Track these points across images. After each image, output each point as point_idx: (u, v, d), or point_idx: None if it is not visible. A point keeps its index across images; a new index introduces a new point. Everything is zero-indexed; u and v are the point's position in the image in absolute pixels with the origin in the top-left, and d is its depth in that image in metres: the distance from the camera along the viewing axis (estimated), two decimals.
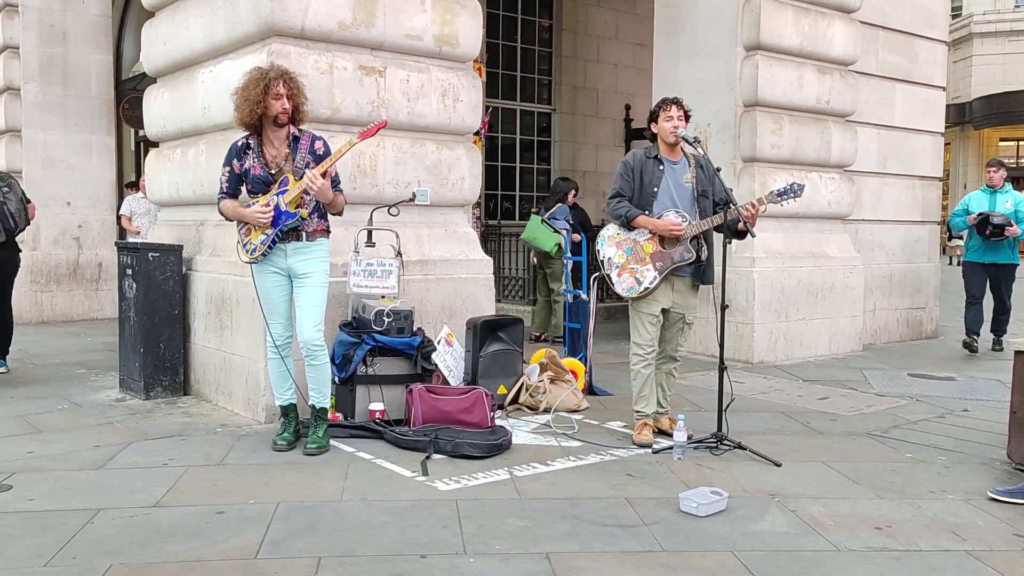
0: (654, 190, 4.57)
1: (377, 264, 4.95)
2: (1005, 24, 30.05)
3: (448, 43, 5.71)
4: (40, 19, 9.65)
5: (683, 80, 7.66)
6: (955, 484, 3.99)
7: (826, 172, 7.93)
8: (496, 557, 3.03)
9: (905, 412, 5.51)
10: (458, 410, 4.58)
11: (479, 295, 5.84)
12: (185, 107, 5.93)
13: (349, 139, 4.36)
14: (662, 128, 4.58)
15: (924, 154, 9.32)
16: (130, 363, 5.65)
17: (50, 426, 4.83)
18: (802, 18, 7.57)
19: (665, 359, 4.74)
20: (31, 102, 9.65)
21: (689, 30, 7.72)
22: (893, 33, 8.86)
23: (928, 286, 9.33)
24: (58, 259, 9.82)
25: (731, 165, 7.39)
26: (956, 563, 3.07)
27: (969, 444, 4.73)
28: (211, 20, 5.56)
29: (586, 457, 4.34)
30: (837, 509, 3.61)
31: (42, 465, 4.07)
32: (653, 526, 3.37)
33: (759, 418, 5.27)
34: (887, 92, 8.86)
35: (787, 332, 7.46)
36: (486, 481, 3.91)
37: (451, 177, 5.80)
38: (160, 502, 3.55)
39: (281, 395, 4.47)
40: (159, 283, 5.50)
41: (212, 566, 2.93)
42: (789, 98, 7.54)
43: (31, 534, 3.18)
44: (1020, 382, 4.16)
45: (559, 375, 5.52)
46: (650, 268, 4.53)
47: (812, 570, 2.98)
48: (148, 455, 4.25)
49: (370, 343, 4.74)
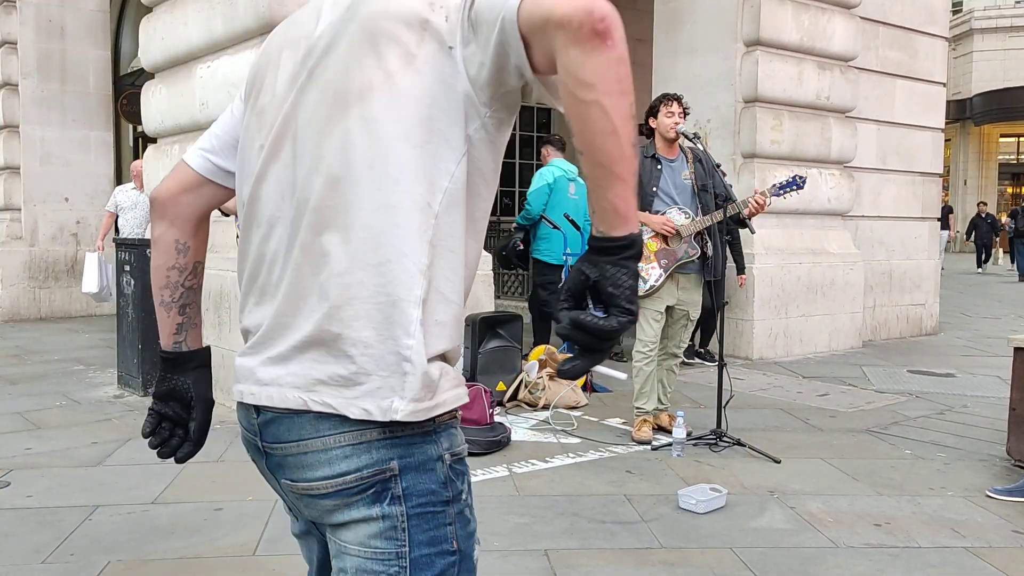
0: (653, 189, 4.55)
1: None
2: (1005, 20, 30.00)
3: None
4: (38, 14, 9.62)
5: (683, 76, 7.64)
6: (954, 481, 3.99)
7: (826, 168, 7.91)
8: (495, 554, 3.02)
9: (904, 409, 5.51)
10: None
11: (478, 291, 5.82)
12: (183, 103, 5.92)
13: None
14: (662, 123, 4.57)
15: (924, 150, 9.30)
16: (128, 359, 5.64)
17: (48, 423, 4.82)
18: (802, 14, 7.55)
19: (667, 355, 4.74)
20: (29, 98, 9.63)
21: (689, 26, 7.70)
22: (893, 29, 8.84)
23: (928, 282, 9.32)
24: (56, 255, 9.80)
25: (731, 161, 7.38)
26: (955, 560, 3.07)
27: (968, 441, 4.72)
28: (209, 16, 5.54)
29: (585, 454, 4.34)
30: (836, 506, 3.61)
31: (40, 462, 4.06)
32: (652, 523, 3.37)
33: (758, 415, 5.27)
34: (887, 88, 8.84)
35: (787, 328, 7.45)
36: (485, 478, 3.90)
37: None
38: (158, 499, 3.54)
39: None
40: None
41: (210, 563, 2.92)
42: (789, 94, 7.52)
43: (29, 531, 3.18)
44: (1019, 379, 4.16)
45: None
46: (655, 266, 4.51)
47: (811, 567, 2.98)
48: (146, 452, 4.20)
49: None
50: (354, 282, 1.10)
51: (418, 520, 1.11)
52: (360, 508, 1.11)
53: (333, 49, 1.17)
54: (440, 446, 1.13)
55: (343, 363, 1.10)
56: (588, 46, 0.96)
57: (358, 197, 1.11)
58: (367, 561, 1.11)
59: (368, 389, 1.09)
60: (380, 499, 1.11)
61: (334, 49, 1.16)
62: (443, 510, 1.13)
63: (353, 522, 1.12)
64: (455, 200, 1.12)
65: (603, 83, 0.97)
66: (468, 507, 1.17)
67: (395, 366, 1.09)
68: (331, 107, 1.14)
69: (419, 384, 1.09)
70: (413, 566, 1.10)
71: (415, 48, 1.11)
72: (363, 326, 1.09)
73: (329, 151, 1.13)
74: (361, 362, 1.09)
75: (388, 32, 1.12)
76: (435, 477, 1.13)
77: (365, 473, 1.11)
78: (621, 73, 0.98)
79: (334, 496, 1.13)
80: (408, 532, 1.10)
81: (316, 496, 1.15)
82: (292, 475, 1.17)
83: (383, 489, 1.11)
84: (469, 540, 1.16)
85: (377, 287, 1.09)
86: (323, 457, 1.12)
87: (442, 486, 1.13)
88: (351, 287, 1.10)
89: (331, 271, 1.12)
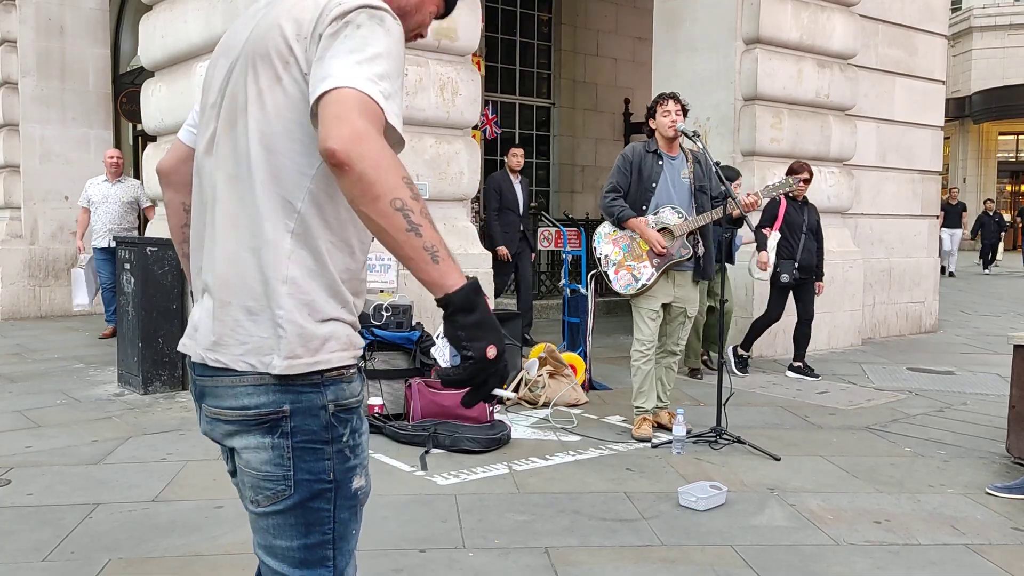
0: (652, 185, 4.56)
1: (376, 259, 4.94)
2: (1005, 18, 29.96)
3: (447, 36, 5.69)
4: (37, 12, 9.61)
5: (682, 74, 7.64)
6: (954, 478, 3.99)
7: (825, 166, 7.91)
8: (495, 551, 3.03)
9: (904, 406, 5.51)
10: (457, 405, 4.56)
11: None
12: (183, 101, 5.92)
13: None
14: (660, 123, 4.57)
15: (924, 148, 9.30)
16: (128, 358, 5.64)
17: (48, 421, 4.82)
18: (802, 12, 7.55)
19: (665, 353, 4.74)
20: (29, 96, 9.62)
21: (688, 24, 7.70)
22: (893, 27, 8.84)
23: (927, 280, 9.33)
24: (56, 253, 9.79)
25: (730, 159, 7.37)
26: (955, 557, 3.07)
27: (968, 438, 4.73)
28: (209, 14, 5.54)
29: (585, 452, 4.34)
30: (836, 503, 3.61)
31: (40, 460, 4.06)
32: (652, 520, 3.37)
33: (758, 412, 5.27)
34: (887, 86, 8.84)
35: (787, 327, 7.43)
36: (485, 475, 3.91)
37: (450, 171, 5.79)
38: (159, 497, 3.55)
39: None
40: (157, 277, 5.49)
41: (211, 561, 2.92)
42: (789, 92, 7.52)
43: (29, 529, 3.18)
44: (1019, 376, 4.16)
45: (558, 370, 5.51)
46: (647, 265, 4.52)
47: (811, 564, 2.98)
48: (147, 450, 4.25)
49: (369, 338, 4.73)
50: (240, 260, 1.39)
51: (301, 453, 1.40)
52: (256, 436, 1.41)
53: (238, 64, 1.44)
54: (325, 397, 1.41)
55: (231, 326, 1.40)
56: (336, 173, 1.24)
57: (243, 194, 1.39)
58: (261, 479, 1.42)
59: (251, 348, 1.38)
60: (272, 432, 1.40)
61: (238, 64, 1.44)
62: (323, 448, 1.41)
63: (251, 447, 1.42)
64: (317, 199, 1.38)
65: (356, 198, 1.24)
66: (349, 447, 1.45)
67: (271, 330, 1.37)
68: (232, 115, 1.43)
69: (292, 345, 1.36)
70: (296, 486, 1.41)
71: (282, 71, 1.37)
72: (247, 297, 1.39)
73: (227, 154, 1.42)
74: (247, 326, 1.39)
75: (263, 55, 1.38)
76: (318, 422, 1.41)
77: (263, 411, 1.39)
78: (364, 186, 1.22)
79: (237, 424, 1.43)
80: (292, 460, 1.40)
81: (223, 421, 1.45)
82: (209, 402, 1.47)
83: (275, 425, 1.39)
84: (347, 474, 1.45)
85: (255, 266, 1.38)
86: (231, 391, 1.42)
87: (323, 429, 1.41)
88: (238, 264, 1.39)
89: (224, 250, 1.41)
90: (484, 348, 1.28)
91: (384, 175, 1.22)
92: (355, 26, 1.31)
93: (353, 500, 1.48)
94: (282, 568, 1.46)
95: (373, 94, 1.26)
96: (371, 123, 1.24)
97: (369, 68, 1.28)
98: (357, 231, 1.43)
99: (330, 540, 1.46)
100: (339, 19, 1.32)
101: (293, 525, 1.43)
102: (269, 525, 1.45)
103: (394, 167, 1.24)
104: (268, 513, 1.44)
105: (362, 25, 1.31)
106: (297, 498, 1.41)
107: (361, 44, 1.30)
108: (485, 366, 1.29)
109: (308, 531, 1.44)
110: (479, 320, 1.28)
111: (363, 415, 1.51)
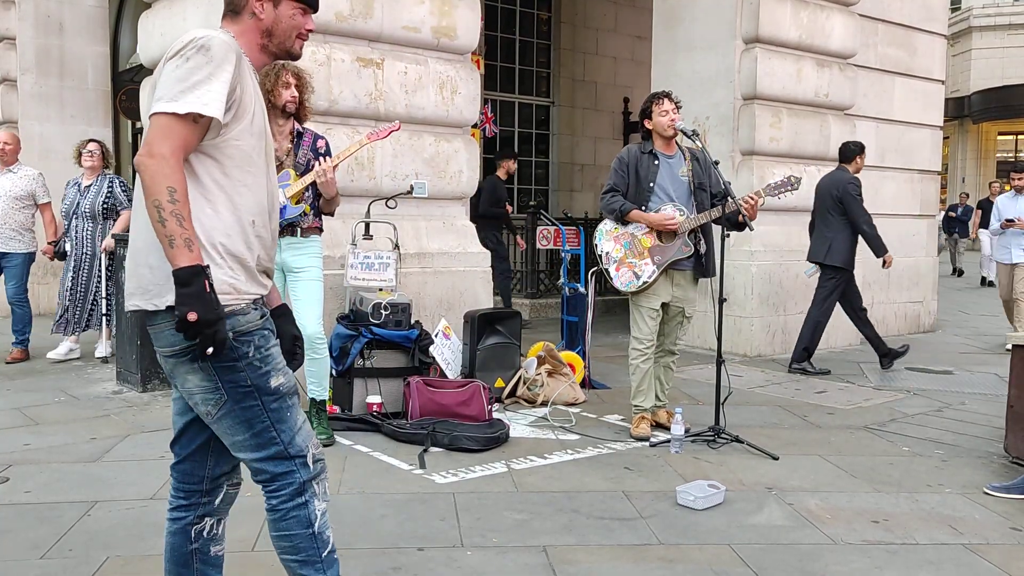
0: (650, 185, 4.55)
1: (375, 257, 4.94)
2: (1004, 18, 29.97)
3: (446, 35, 5.69)
4: (36, 10, 9.59)
5: (682, 73, 7.64)
6: (952, 478, 4.00)
7: (825, 166, 7.91)
8: (493, 550, 3.03)
9: (902, 406, 5.52)
10: (456, 403, 4.57)
11: (477, 288, 5.83)
12: None
13: (359, 139, 4.36)
14: (658, 123, 4.56)
15: (923, 148, 9.31)
16: (127, 356, 5.64)
17: (47, 418, 4.82)
18: (801, 11, 7.55)
19: (663, 352, 4.74)
20: (28, 93, 9.60)
21: (688, 23, 7.70)
22: (892, 26, 8.84)
23: (926, 280, 9.33)
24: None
25: (729, 158, 7.38)
26: (953, 556, 3.07)
27: (966, 438, 4.73)
28: (208, 12, 5.53)
29: (584, 450, 4.35)
30: (834, 502, 3.62)
31: (39, 457, 4.06)
32: (650, 519, 3.37)
33: (757, 412, 5.28)
34: (886, 85, 8.84)
35: (785, 326, 7.45)
36: (483, 474, 3.91)
37: (449, 170, 5.78)
38: (157, 494, 3.54)
39: None
40: None
41: None
42: (788, 91, 7.52)
43: (27, 526, 3.18)
44: (1018, 376, 4.16)
45: (557, 368, 5.51)
46: (648, 262, 4.52)
47: (809, 563, 2.99)
48: (145, 447, 4.24)
49: (367, 336, 4.73)
50: (134, 230, 1.98)
51: (220, 371, 1.92)
52: (186, 365, 1.93)
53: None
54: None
55: (131, 280, 1.96)
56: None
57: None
58: (202, 395, 1.95)
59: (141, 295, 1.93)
60: (195, 359, 1.88)
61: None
62: (234, 364, 1.92)
63: (185, 374, 1.94)
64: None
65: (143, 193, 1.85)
66: (259, 359, 1.95)
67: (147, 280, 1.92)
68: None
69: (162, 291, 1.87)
70: (228, 393, 1.94)
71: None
72: (132, 260, 1.96)
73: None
74: (136, 279, 1.94)
75: (156, 75, 1.92)
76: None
77: (178, 347, 1.91)
78: (143, 187, 1.83)
79: (170, 358, 1.95)
80: (217, 376, 1.92)
81: (163, 357, 1.97)
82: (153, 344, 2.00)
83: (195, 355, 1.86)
84: (263, 379, 1.96)
85: (132, 238, 1.98)
86: (156, 332, 1.95)
87: (230, 350, 1.89)
88: (134, 235, 1.98)
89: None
90: (186, 312, 1.75)
91: (150, 182, 1.79)
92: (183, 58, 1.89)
93: (276, 394, 1.98)
94: (248, 455, 2.00)
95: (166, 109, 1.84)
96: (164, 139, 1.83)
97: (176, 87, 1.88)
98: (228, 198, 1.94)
99: (269, 425, 1.98)
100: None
101: (239, 422, 1.96)
102: (224, 428, 1.98)
103: (162, 177, 1.78)
104: (220, 417, 1.96)
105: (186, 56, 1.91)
106: (231, 403, 1.94)
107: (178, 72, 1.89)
108: (187, 326, 1.76)
109: (251, 423, 1.97)
110: (190, 292, 1.76)
111: (267, 334, 2.00)
